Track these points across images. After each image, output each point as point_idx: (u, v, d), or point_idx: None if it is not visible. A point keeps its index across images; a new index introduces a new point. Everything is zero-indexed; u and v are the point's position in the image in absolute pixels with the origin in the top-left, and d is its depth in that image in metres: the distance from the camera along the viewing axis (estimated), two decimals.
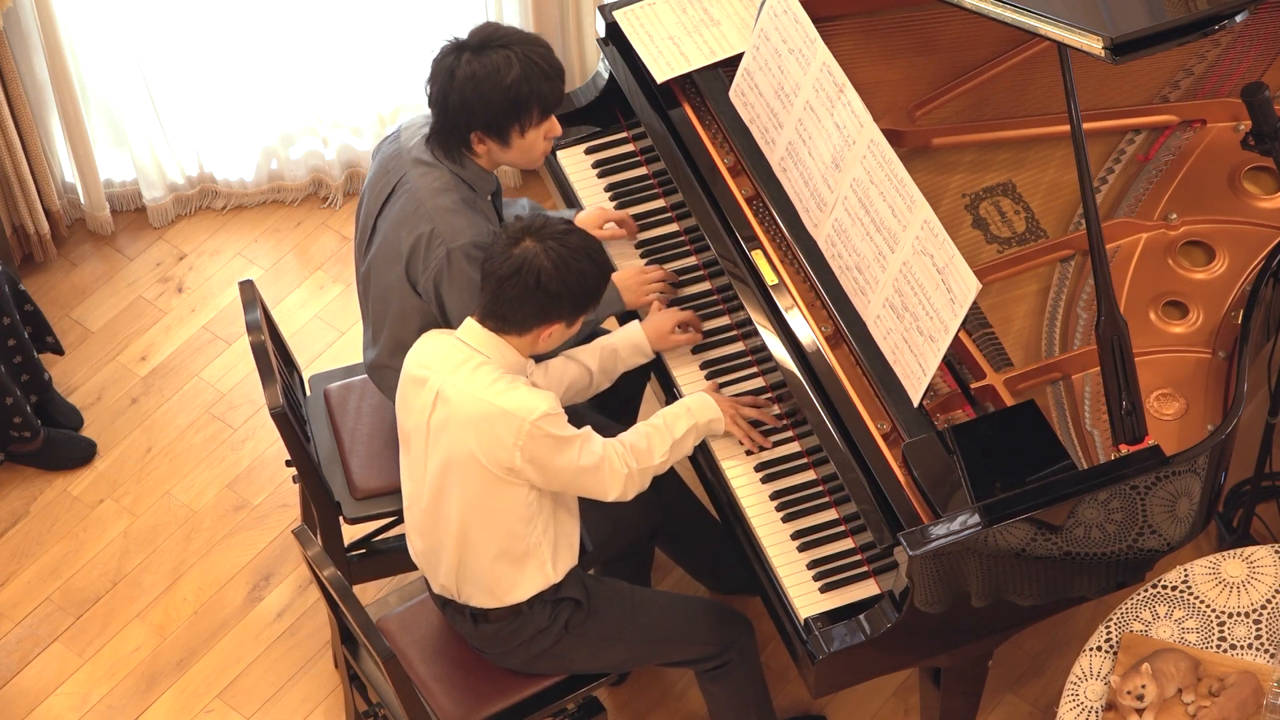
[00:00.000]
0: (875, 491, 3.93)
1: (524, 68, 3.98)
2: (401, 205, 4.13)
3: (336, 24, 5.31)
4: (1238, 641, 4.02)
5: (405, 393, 3.98)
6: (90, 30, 5.22)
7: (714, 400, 4.14)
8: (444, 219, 4.07)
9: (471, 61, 3.99)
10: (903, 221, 3.97)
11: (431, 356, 3.93)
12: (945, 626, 3.94)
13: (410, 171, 4.13)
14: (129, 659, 4.83)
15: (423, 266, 4.10)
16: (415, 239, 4.09)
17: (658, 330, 4.25)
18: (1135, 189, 4.43)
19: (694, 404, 4.12)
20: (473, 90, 3.98)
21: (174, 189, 5.59)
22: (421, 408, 3.92)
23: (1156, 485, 3.89)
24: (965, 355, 4.11)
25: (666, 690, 4.74)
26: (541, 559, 4.00)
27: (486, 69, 3.98)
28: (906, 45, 4.64)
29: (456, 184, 4.11)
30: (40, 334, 5.09)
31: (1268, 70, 4.60)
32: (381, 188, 4.19)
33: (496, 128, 4.03)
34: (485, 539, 3.95)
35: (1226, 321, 4.23)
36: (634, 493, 4.01)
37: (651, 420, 4.08)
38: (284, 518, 5.06)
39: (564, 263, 3.82)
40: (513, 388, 3.85)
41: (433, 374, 3.90)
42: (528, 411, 3.82)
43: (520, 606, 4.04)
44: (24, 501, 5.09)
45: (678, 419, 4.08)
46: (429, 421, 3.91)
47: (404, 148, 4.17)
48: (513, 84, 3.97)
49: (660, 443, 4.04)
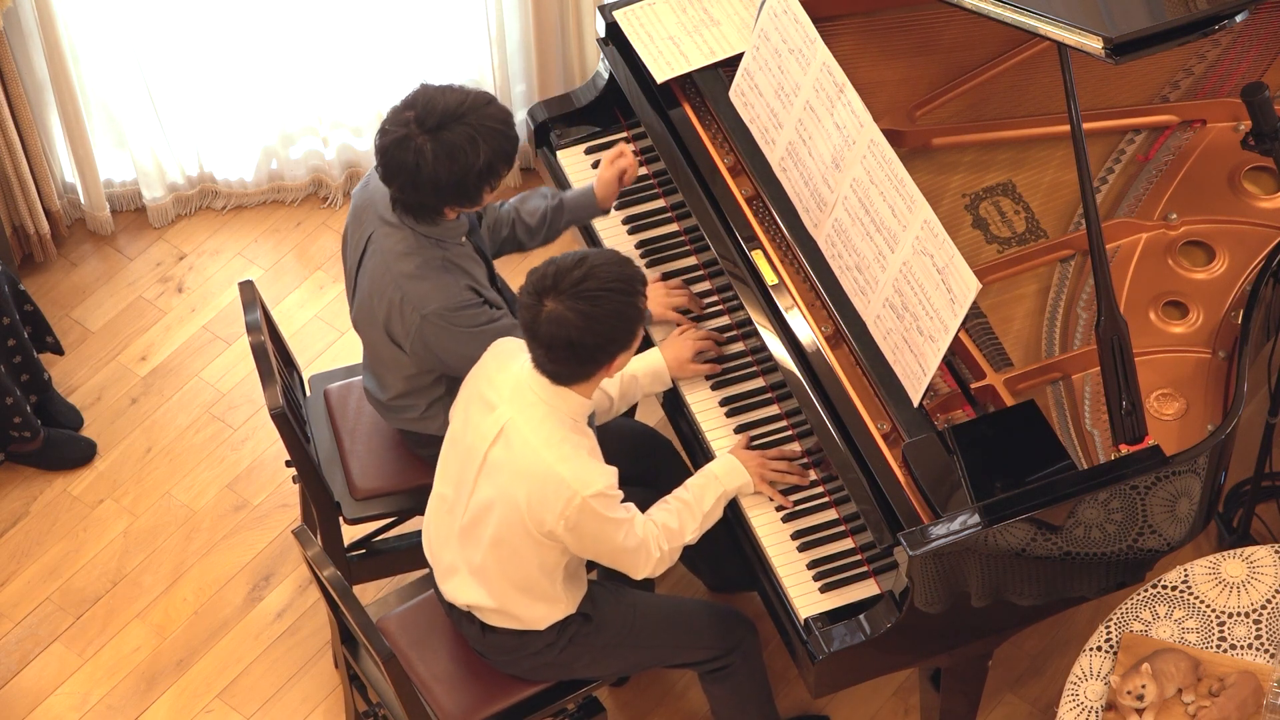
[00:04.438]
0: (875, 491, 3.93)
1: (488, 144, 3.94)
2: (373, 267, 4.12)
3: (336, 24, 5.31)
4: (1238, 641, 4.02)
5: (470, 406, 3.92)
6: (90, 30, 5.22)
7: (740, 463, 4.08)
8: (410, 286, 4.06)
9: (436, 148, 3.92)
10: (903, 221, 3.97)
11: (504, 383, 3.87)
12: (945, 626, 3.94)
13: (377, 230, 4.12)
14: (129, 659, 4.83)
15: (403, 333, 4.11)
16: (388, 306, 4.10)
17: (677, 358, 4.24)
18: (1135, 189, 4.43)
19: (722, 472, 4.07)
20: (445, 176, 3.94)
21: (174, 189, 5.59)
22: (484, 434, 3.87)
23: (1156, 485, 3.89)
24: (965, 355, 4.11)
25: (667, 690, 4.74)
26: (559, 600, 4.02)
27: (451, 154, 3.92)
28: (906, 45, 4.64)
29: (420, 245, 4.07)
30: (40, 334, 5.09)
31: (1268, 70, 4.60)
32: (357, 240, 4.19)
33: (470, 198, 4.01)
34: (505, 577, 3.96)
35: (1226, 321, 4.23)
36: (661, 571, 4.00)
37: (679, 494, 4.03)
38: (284, 518, 5.06)
39: (591, 315, 3.72)
40: (576, 454, 3.80)
41: (502, 405, 3.85)
42: (583, 485, 3.79)
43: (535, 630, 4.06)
44: (24, 501, 5.09)
45: (705, 490, 4.04)
46: (488, 452, 3.87)
47: (372, 199, 4.15)
48: (484, 161, 3.95)
49: (690, 520, 4.02)
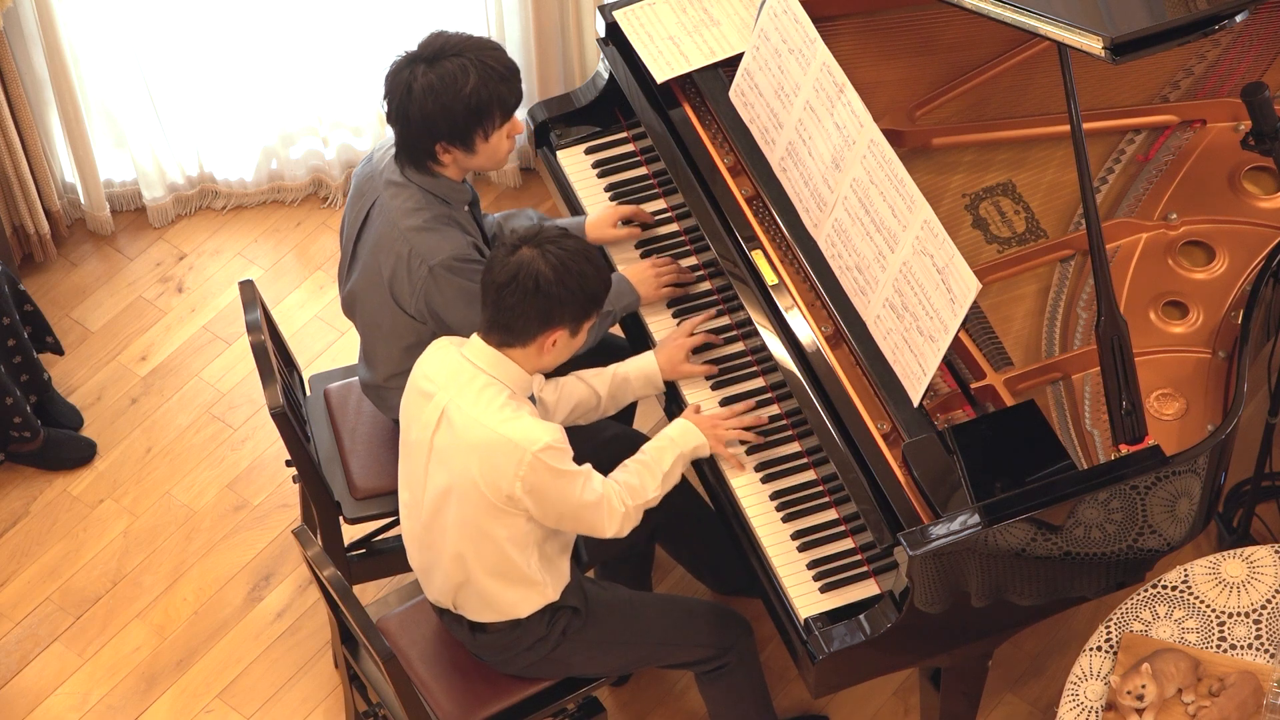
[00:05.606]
0: (875, 491, 3.93)
1: (480, 74, 3.98)
2: (378, 229, 4.14)
3: (336, 24, 5.31)
4: (1238, 641, 4.02)
5: (410, 403, 3.96)
6: (90, 30, 5.22)
7: (694, 425, 4.13)
8: (420, 239, 4.08)
9: (427, 74, 3.99)
10: (903, 221, 3.97)
11: (438, 370, 3.91)
12: (945, 626, 3.94)
13: (383, 194, 4.14)
14: (129, 659, 4.83)
15: (409, 289, 4.11)
16: (395, 262, 4.11)
17: (671, 359, 4.24)
18: (1135, 189, 4.43)
19: (676, 434, 4.11)
20: (432, 102, 3.99)
21: (174, 189, 5.59)
22: (426, 423, 3.90)
23: (1156, 485, 3.89)
24: (965, 355, 4.12)
25: (667, 690, 4.74)
26: (537, 582, 4.01)
27: (443, 80, 3.98)
28: (906, 45, 4.64)
29: (429, 201, 4.11)
30: (40, 334, 5.09)
31: (1268, 70, 4.60)
32: (358, 211, 4.21)
33: (460, 136, 4.04)
34: (480, 562, 3.95)
35: (1226, 321, 4.23)
36: (629, 529, 4.01)
37: (638, 456, 4.07)
38: (284, 518, 5.06)
39: (562, 265, 3.79)
40: (518, 416, 3.83)
41: (439, 390, 3.88)
42: (530, 442, 3.80)
43: (518, 619, 4.05)
44: (24, 501, 5.09)
45: (663, 452, 4.08)
46: (432, 440, 3.90)
47: (376, 169, 4.19)
48: (472, 92, 3.98)
49: (651, 479, 4.04)
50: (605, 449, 4.26)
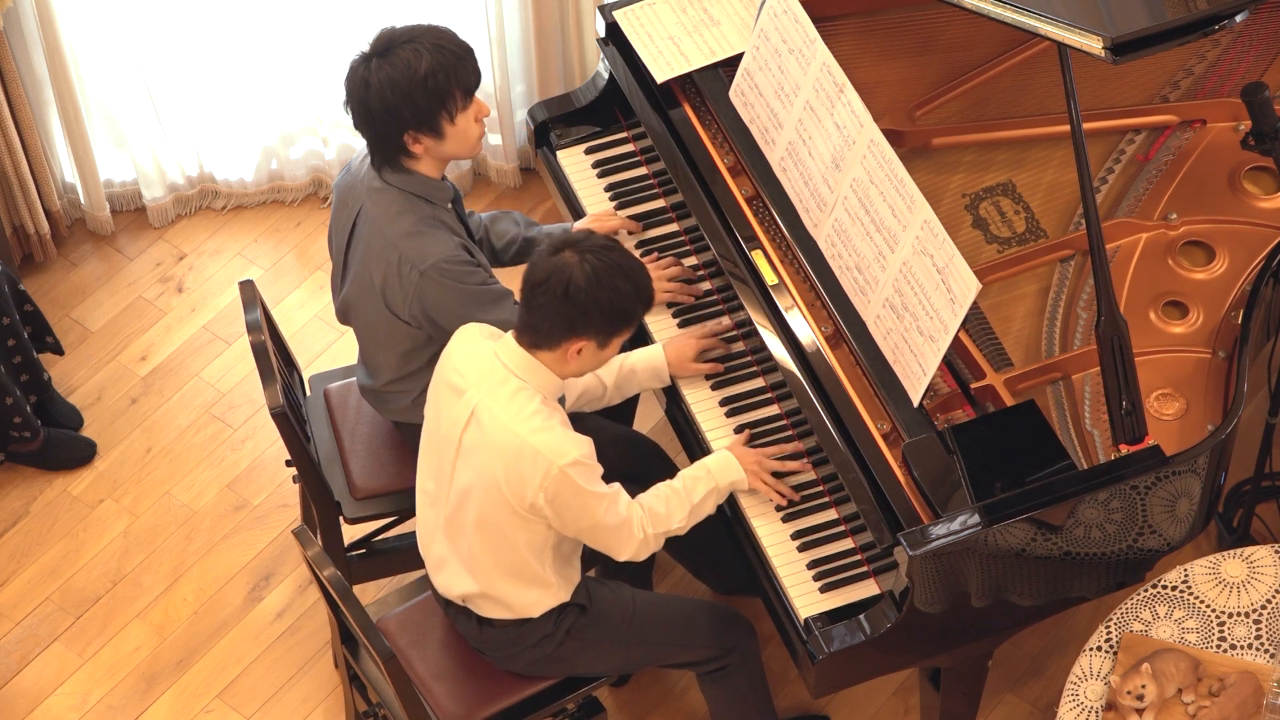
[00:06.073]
0: (875, 491, 3.93)
1: (433, 55, 4.00)
2: (366, 237, 4.14)
3: (336, 24, 5.31)
4: (1238, 641, 4.02)
5: (439, 395, 3.93)
6: (90, 30, 5.22)
7: (737, 459, 4.06)
8: (408, 244, 4.07)
9: (381, 66, 4.00)
10: (903, 221, 3.97)
11: (469, 366, 3.86)
12: (945, 626, 3.94)
13: (366, 201, 4.14)
14: (129, 659, 4.83)
15: (402, 296, 4.10)
16: (386, 270, 4.11)
17: (679, 355, 4.23)
18: (1135, 189, 4.43)
19: (715, 465, 4.04)
20: (391, 92, 3.99)
21: (174, 189, 5.59)
22: (455, 419, 3.87)
23: (1156, 485, 3.88)
24: (965, 355, 4.11)
25: (667, 690, 4.74)
26: (550, 584, 4.01)
27: (398, 68, 3.99)
28: (906, 45, 4.64)
29: (412, 203, 4.11)
30: (40, 334, 5.09)
31: (1268, 70, 4.60)
32: (344, 221, 4.21)
33: (426, 121, 4.04)
34: (495, 561, 3.95)
35: (1226, 321, 4.23)
36: (646, 555, 3.99)
37: (671, 483, 4.02)
38: (284, 518, 5.06)
39: (596, 275, 3.72)
40: (548, 426, 3.79)
41: (470, 388, 3.84)
42: (558, 455, 3.78)
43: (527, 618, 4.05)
44: (24, 501, 5.09)
45: (698, 482, 4.02)
46: (461, 438, 3.87)
47: (356, 178, 4.19)
48: (428, 73, 3.99)
49: (679, 509, 4.00)
50: (605, 449, 4.25)
